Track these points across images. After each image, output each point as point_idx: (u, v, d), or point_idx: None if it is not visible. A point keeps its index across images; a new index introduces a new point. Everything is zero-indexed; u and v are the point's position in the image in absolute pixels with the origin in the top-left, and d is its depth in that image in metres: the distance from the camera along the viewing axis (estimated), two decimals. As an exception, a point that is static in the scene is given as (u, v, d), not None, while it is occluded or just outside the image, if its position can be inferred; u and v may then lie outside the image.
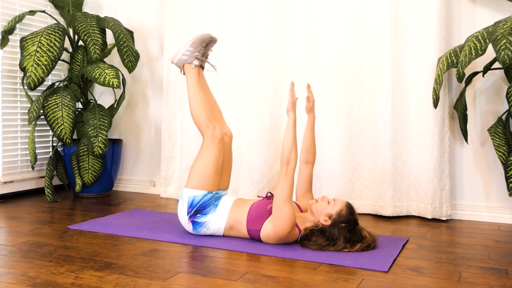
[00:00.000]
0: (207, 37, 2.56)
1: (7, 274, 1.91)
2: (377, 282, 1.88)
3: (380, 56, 3.07)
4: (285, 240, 2.32)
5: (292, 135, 2.34)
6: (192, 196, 2.41)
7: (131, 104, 3.95)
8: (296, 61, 3.27)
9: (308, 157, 2.61)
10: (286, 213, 2.24)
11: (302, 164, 2.62)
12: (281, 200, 2.25)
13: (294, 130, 2.36)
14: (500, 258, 2.23)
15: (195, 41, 2.55)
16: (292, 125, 2.37)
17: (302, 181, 2.61)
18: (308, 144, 2.61)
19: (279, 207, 2.25)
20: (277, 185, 2.30)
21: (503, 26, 2.35)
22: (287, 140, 2.33)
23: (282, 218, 2.25)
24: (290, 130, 2.35)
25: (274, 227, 2.28)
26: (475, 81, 3.01)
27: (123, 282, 1.83)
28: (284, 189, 2.26)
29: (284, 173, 2.29)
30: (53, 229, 2.64)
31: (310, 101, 2.60)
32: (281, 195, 2.26)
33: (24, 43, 3.25)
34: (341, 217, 2.26)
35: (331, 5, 3.17)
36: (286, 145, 2.32)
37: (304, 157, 2.61)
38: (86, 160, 3.46)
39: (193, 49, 2.56)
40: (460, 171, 3.07)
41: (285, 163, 2.30)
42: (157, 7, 3.83)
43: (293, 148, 2.32)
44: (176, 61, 2.59)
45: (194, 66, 2.58)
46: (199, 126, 2.51)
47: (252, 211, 2.37)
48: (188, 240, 2.41)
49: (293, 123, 2.37)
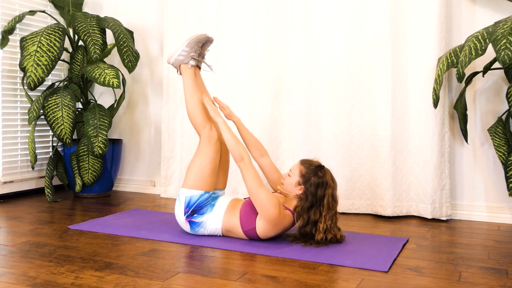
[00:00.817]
0: (203, 37, 2.57)
1: (7, 274, 1.91)
2: (377, 282, 1.88)
3: (380, 56, 3.07)
4: (282, 225, 2.33)
5: (229, 134, 2.41)
6: (189, 196, 2.42)
7: (131, 104, 3.95)
8: (296, 61, 3.26)
9: (259, 151, 2.65)
10: (264, 197, 2.27)
11: (259, 160, 2.65)
12: (254, 190, 2.30)
13: (229, 129, 2.43)
14: (500, 258, 2.23)
15: (191, 41, 2.56)
16: (224, 126, 2.43)
17: (269, 173, 2.64)
18: (251, 140, 2.65)
19: (256, 197, 2.29)
20: (244, 181, 2.34)
21: (503, 26, 2.35)
22: (229, 140, 2.40)
23: (264, 203, 2.27)
24: (225, 131, 2.42)
25: (263, 217, 2.30)
26: (475, 81, 3.01)
27: (123, 282, 1.83)
28: (250, 180, 2.32)
29: (244, 167, 2.35)
30: (53, 229, 2.64)
31: (226, 109, 2.67)
32: (251, 186, 2.31)
33: (24, 43, 3.25)
34: (306, 175, 2.35)
35: (331, 5, 3.17)
36: (230, 145, 2.39)
37: (255, 153, 2.64)
38: (86, 160, 3.46)
39: (189, 49, 2.56)
40: (460, 171, 3.07)
41: (239, 160, 2.36)
42: (157, 7, 3.83)
43: (237, 144, 2.39)
44: (173, 61, 2.60)
45: (191, 66, 2.58)
46: (195, 127, 2.53)
47: (242, 214, 2.39)
48: (188, 240, 2.41)
49: (224, 124, 2.44)
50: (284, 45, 3.32)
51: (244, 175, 2.35)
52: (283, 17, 3.32)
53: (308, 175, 2.36)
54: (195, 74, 2.61)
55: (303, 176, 2.36)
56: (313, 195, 2.32)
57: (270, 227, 2.32)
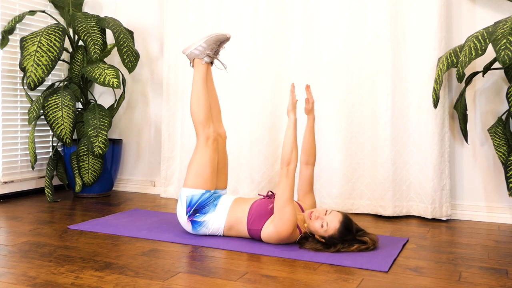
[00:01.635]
0: (223, 38, 2.54)
1: (7, 274, 1.91)
2: (377, 282, 1.88)
3: (380, 56, 3.07)
4: (286, 241, 2.32)
5: (293, 136, 2.34)
6: (190, 195, 2.42)
7: (131, 104, 3.95)
8: (296, 61, 3.26)
9: (308, 158, 2.61)
10: (288, 214, 2.24)
11: (302, 165, 2.62)
12: (283, 201, 2.25)
13: (295, 131, 2.36)
14: (500, 258, 2.23)
15: (209, 39, 2.54)
16: (293, 126, 2.36)
17: (302, 182, 2.61)
18: (308, 145, 2.61)
19: (280, 208, 2.25)
20: (278, 186, 2.29)
21: (503, 26, 2.35)
22: (288, 141, 2.33)
23: (284, 219, 2.25)
24: (290, 131, 2.35)
25: (276, 228, 2.28)
26: (475, 81, 3.01)
27: (123, 282, 1.83)
28: (286, 190, 2.26)
29: (285, 174, 2.28)
30: (53, 229, 2.64)
31: (310, 103, 2.60)
32: (282, 196, 2.26)
33: (24, 43, 3.25)
34: (334, 238, 2.23)
35: (331, 5, 3.17)
36: (286, 146, 2.32)
37: (304, 158, 2.61)
38: (86, 160, 3.46)
39: (206, 46, 2.55)
40: (460, 171, 3.07)
41: (285, 163, 2.29)
42: (157, 7, 3.83)
43: (293, 148, 2.32)
44: (188, 53, 2.58)
45: (204, 62, 2.58)
46: (195, 124, 2.52)
47: (253, 211, 2.37)
48: (188, 240, 2.41)
49: (294, 124, 2.37)
50: (284, 45, 3.32)
51: (282, 181, 2.28)
52: (283, 17, 3.32)
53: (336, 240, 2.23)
54: (206, 71, 2.60)
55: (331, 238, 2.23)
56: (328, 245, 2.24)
57: (275, 238, 2.31)
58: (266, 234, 2.33)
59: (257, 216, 2.36)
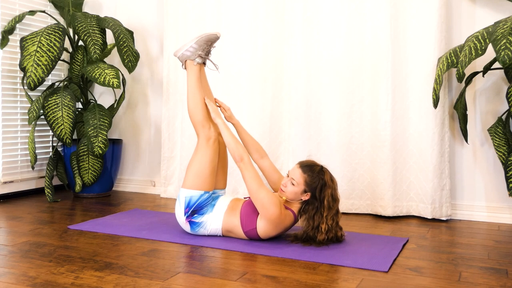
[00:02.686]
0: (214, 37, 2.55)
1: (7, 274, 1.91)
2: (377, 282, 1.88)
3: (380, 56, 3.07)
4: (283, 224, 2.33)
5: (229, 134, 2.43)
6: (189, 196, 2.42)
7: (131, 104, 3.95)
8: (296, 61, 3.26)
9: (259, 153, 2.65)
10: (265, 197, 2.28)
11: (259, 161, 2.64)
12: (254, 190, 2.31)
13: (228, 130, 2.45)
14: (500, 258, 2.23)
15: (200, 40, 2.55)
16: (224, 127, 2.45)
17: (269, 175, 2.63)
18: (251, 143, 2.65)
19: (256, 197, 2.30)
20: (245, 182, 2.35)
21: (503, 26, 2.35)
22: (228, 140, 2.42)
23: (265, 204, 2.28)
24: (225, 132, 2.44)
25: (264, 217, 2.30)
26: (475, 81, 3.01)
27: (123, 282, 1.83)
28: (251, 180, 2.33)
29: (244, 168, 2.36)
30: (53, 229, 2.64)
31: (227, 110, 2.68)
32: (251, 187, 2.32)
33: (24, 43, 3.25)
34: (311, 183, 2.33)
35: (331, 5, 3.17)
36: (230, 145, 2.41)
37: (256, 155, 2.64)
38: (86, 160, 3.46)
39: (197, 47, 2.56)
40: (460, 171, 3.07)
41: (239, 160, 2.38)
42: (157, 7, 3.83)
43: (237, 144, 2.41)
44: (179, 55, 2.59)
45: (196, 63, 2.58)
46: (194, 125, 2.53)
47: (243, 214, 2.39)
48: (188, 240, 2.41)
49: (224, 125, 2.46)
50: (284, 45, 3.32)
51: (244, 175, 2.35)
52: (283, 17, 3.32)
53: (314, 183, 2.33)
54: (200, 71, 2.60)
55: (308, 184, 2.34)
56: (317, 199, 2.32)
57: (271, 227, 2.32)
58: (262, 229, 2.34)
59: (247, 217, 2.37)
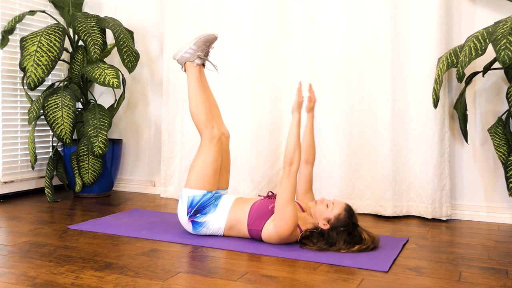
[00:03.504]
0: (212, 38, 2.55)
1: (7, 274, 1.91)
2: (377, 282, 1.88)
3: (380, 56, 3.07)
4: (287, 241, 2.32)
5: (296, 135, 2.33)
6: (192, 196, 2.42)
7: (131, 104, 3.95)
8: (296, 61, 3.27)
9: (307, 157, 2.61)
10: (289, 214, 2.24)
11: (301, 164, 2.61)
12: (284, 201, 2.25)
13: (298, 130, 2.35)
14: (500, 258, 2.23)
15: (198, 41, 2.54)
16: (296, 125, 2.36)
17: (302, 181, 2.61)
18: (308, 144, 2.61)
19: (281, 208, 2.25)
20: (280, 185, 2.29)
21: (503, 26, 2.35)
22: (291, 141, 2.32)
23: (285, 219, 2.25)
24: (294, 131, 2.34)
25: (276, 228, 2.28)
26: (475, 81, 3.01)
27: (123, 282, 1.83)
28: (287, 190, 2.26)
29: (287, 173, 2.28)
30: (53, 229, 2.64)
31: (312, 101, 2.61)
32: (284, 196, 2.26)
33: (24, 43, 3.25)
34: (340, 222, 2.25)
35: (331, 5, 3.17)
36: (289, 146, 2.31)
37: (303, 156, 2.61)
38: (86, 160, 3.46)
39: (196, 48, 2.55)
40: (460, 171, 3.07)
41: (288, 163, 2.29)
42: (157, 7, 3.83)
43: (296, 148, 2.31)
44: (178, 58, 2.58)
45: (196, 64, 2.58)
46: (197, 125, 2.52)
47: (253, 211, 2.37)
48: (188, 240, 2.41)
49: (297, 124, 2.36)
50: (284, 45, 3.32)
51: (283, 180, 2.28)
52: (283, 17, 3.32)
53: (341, 225, 2.24)
54: (199, 73, 2.60)
55: (338, 220, 2.24)
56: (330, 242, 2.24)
57: (276, 238, 2.31)
58: (267, 234, 2.33)
59: (257, 217, 2.36)
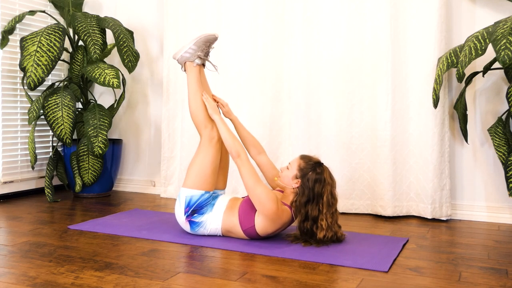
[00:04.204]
0: (212, 38, 2.57)
1: (7, 274, 1.91)
2: (377, 282, 1.88)
3: (380, 56, 3.07)
4: (281, 220, 2.33)
5: (226, 130, 2.43)
6: (190, 196, 2.42)
7: (131, 104, 3.95)
8: (296, 61, 3.26)
9: (256, 149, 2.66)
10: (262, 193, 2.28)
11: (256, 158, 2.65)
12: (251, 186, 2.31)
13: (226, 126, 2.46)
14: (500, 258, 2.23)
15: (199, 41, 2.55)
16: (221, 123, 2.46)
17: (266, 171, 2.64)
18: (249, 139, 2.66)
19: (253, 193, 2.30)
20: (242, 178, 2.35)
21: (503, 26, 2.35)
22: (225, 136, 2.42)
23: (261, 199, 2.28)
24: (223, 128, 2.44)
25: (262, 213, 2.30)
26: (475, 81, 3.01)
27: (123, 282, 1.83)
28: (247, 176, 2.33)
29: (240, 164, 2.36)
30: (53, 229, 2.64)
31: (225, 106, 2.68)
32: (248, 183, 2.32)
33: (24, 43, 3.25)
34: (304, 169, 2.35)
35: (331, 5, 3.17)
36: (227, 141, 2.41)
37: (253, 151, 2.65)
38: (86, 160, 3.46)
39: (196, 48, 2.56)
40: (460, 171, 3.07)
41: (236, 156, 2.38)
42: (157, 7, 3.83)
43: (234, 140, 2.41)
44: (178, 57, 2.59)
45: (196, 64, 2.58)
46: (197, 126, 2.53)
47: (241, 213, 2.39)
48: (188, 240, 2.41)
49: (221, 121, 2.47)
50: (284, 45, 3.32)
51: (241, 171, 2.36)
52: (283, 17, 3.32)
53: (306, 169, 2.36)
54: (199, 73, 2.61)
55: (301, 170, 2.36)
56: (310, 190, 2.32)
57: (269, 223, 2.32)
58: (260, 225, 2.34)
59: (245, 215, 2.37)
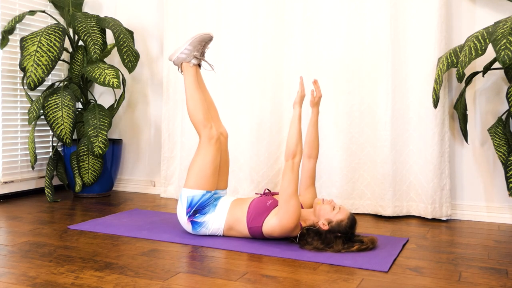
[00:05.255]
0: (207, 37, 2.56)
1: (7, 274, 1.91)
2: (377, 282, 1.88)
3: (380, 56, 3.07)
4: (288, 234, 2.32)
5: (297, 129, 2.34)
6: (191, 196, 2.42)
7: (131, 104, 3.95)
8: (296, 61, 3.27)
9: (311, 152, 2.60)
10: (293, 207, 2.25)
11: (304, 159, 2.61)
12: (288, 194, 2.25)
13: (299, 124, 2.37)
14: (500, 258, 2.23)
15: (194, 41, 2.55)
16: (298, 119, 2.37)
17: (304, 176, 2.60)
18: (311, 138, 2.60)
19: (286, 201, 2.25)
20: (283, 178, 2.29)
21: (503, 26, 2.35)
22: (293, 134, 2.33)
23: (289, 211, 2.25)
24: (295, 124, 2.35)
25: (280, 221, 2.27)
26: (475, 81, 3.01)
27: (123, 282, 1.83)
28: (291, 183, 2.26)
29: (290, 167, 2.28)
30: (53, 229, 2.64)
31: (316, 96, 2.59)
32: (288, 189, 2.25)
33: (24, 43, 3.25)
34: (340, 227, 2.26)
35: (331, 5, 3.17)
36: (291, 139, 2.32)
37: (307, 151, 2.60)
38: (86, 160, 3.46)
39: (192, 48, 2.56)
40: (460, 171, 3.07)
41: (291, 156, 2.30)
42: (157, 7, 3.83)
43: (298, 142, 2.32)
44: (174, 59, 2.59)
45: (192, 65, 2.58)
46: (196, 126, 2.52)
47: (252, 209, 2.37)
48: (188, 240, 2.41)
49: (299, 117, 2.38)
50: (284, 45, 3.32)
51: (286, 173, 2.28)
52: (283, 17, 3.32)
53: (340, 231, 2.25)
54: (196, 72, 2.60)
55: (339, 226, 2.25)
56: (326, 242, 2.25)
57: (278, 230, 2.30)
58: (269, 227, 2.32)
59: (256, 214, 2.36)
